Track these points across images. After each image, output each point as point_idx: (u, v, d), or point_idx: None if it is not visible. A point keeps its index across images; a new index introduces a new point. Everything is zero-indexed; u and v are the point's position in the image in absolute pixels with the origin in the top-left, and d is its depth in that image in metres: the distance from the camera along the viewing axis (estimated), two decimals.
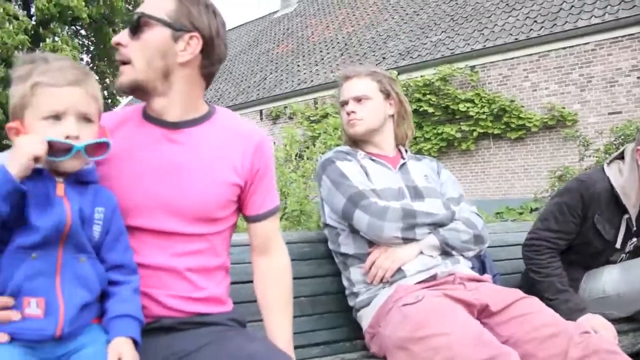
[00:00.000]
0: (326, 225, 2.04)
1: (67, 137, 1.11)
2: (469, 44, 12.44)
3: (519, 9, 12.48)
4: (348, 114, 2.04)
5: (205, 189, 1.35)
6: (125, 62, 1.33)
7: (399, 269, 1.82)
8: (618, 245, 2.13)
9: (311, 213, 4.98)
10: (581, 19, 10.86)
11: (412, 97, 11.85)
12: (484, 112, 11.60)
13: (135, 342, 1.16)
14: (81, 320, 1.13)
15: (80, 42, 20.60)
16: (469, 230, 1.93)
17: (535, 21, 11.69)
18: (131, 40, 1.32)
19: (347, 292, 1.99)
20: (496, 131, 11.54)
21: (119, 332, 1.15)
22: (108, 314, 1.18)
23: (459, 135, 12.00)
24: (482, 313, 1.72)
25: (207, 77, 1.41)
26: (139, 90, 1.34)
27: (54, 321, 1.09)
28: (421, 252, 1.86)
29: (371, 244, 1.89)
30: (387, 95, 2.08)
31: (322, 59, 16.39)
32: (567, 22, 11.05)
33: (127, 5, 30.58)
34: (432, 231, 1.87)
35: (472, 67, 12.01)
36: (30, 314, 1.08)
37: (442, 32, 13.67)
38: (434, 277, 1.82)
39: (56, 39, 16.99)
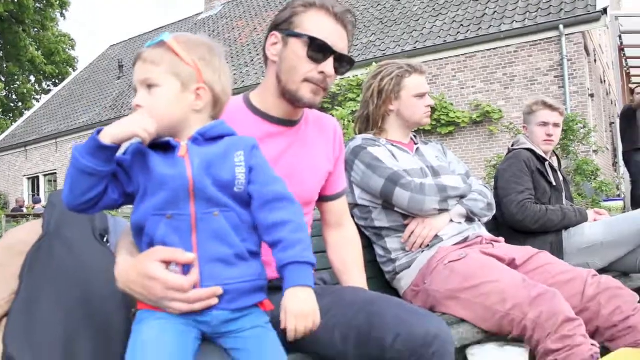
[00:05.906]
0: (356, 205, 2.25)
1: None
2: (399, 46, 13.02)
3: (445, 14, 13.21)
4: (429, 106, 2.31)
5: (315, 178, 1.60)
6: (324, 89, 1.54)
7: (436, 236, 2.10)
8: (553, 182, 2.78)
9: None
10: (504, 24, 11.71)
11: (345, 97, 12.24)
12: None
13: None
14: (223, 276, 1.11)
15: None
16: (483, 199, 2.24)
17: (462, 25, 12.45)
18: (335, 73, 1.54)
19: (382, 259, 2.23)
20: (427, 127, 12.14)
21: (287, 283, 1.13)
22: (277, 264, 1.15)
23: None
24: (510, 266, 2.01)
25: None
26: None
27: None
28: (451, 220, 2.15)
29: (405, 217, 2.14)
30: None
31: (252, 60, 16.44)
32: (491, 26, 11.88)
33: (36, 4, 28.89)
34: (458, 202, 2.17)
35: None
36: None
37: (372, 34, 14.18)
38: (465, 240, 2.11)
39: None
